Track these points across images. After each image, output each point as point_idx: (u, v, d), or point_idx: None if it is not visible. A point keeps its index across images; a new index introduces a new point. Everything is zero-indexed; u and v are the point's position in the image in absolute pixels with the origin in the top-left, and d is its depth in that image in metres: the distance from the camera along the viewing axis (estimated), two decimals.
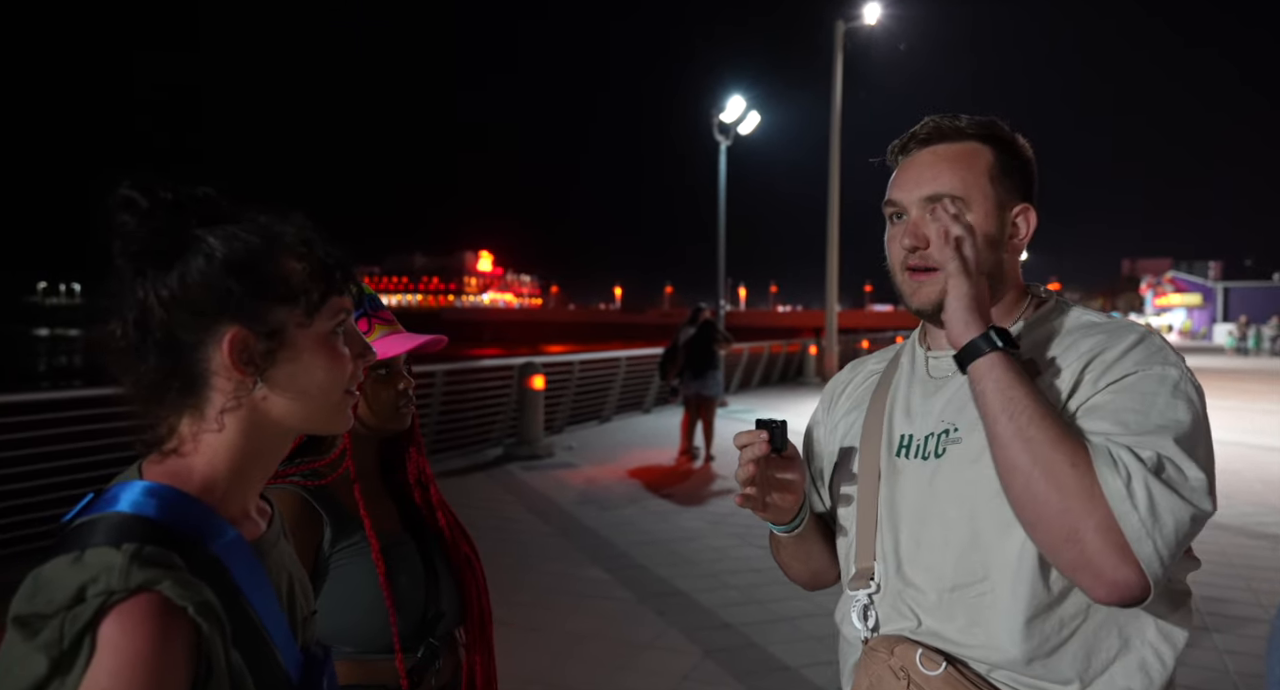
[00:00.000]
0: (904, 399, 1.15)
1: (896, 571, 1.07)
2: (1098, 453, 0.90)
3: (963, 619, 1.01)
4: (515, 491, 6.91)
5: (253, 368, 0.75)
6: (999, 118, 1.12)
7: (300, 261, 0.77)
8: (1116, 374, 0.98)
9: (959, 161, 1.08)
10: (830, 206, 16.82)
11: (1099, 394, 0.98)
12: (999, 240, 1.08)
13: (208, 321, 0.73)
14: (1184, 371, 0.99)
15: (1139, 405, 0.95)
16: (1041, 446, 0.91)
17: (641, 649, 3.68)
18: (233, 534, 0.74)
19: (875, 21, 16.91)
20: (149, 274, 0.72)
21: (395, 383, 1.33)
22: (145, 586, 0.64)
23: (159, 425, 0.76)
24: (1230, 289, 53.17)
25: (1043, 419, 0.92)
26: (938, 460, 1.06)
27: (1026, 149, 1.12)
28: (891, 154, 1.15)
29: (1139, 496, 0.87)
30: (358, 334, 0.83)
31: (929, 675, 0.98)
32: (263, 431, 0.77)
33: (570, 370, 10.53)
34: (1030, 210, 1.11)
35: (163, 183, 0.73)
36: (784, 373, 17.31)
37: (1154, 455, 0.90)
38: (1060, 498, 0.89)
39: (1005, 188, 1.09)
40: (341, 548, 1.25)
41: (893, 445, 1.12)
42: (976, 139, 1.09)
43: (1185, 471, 0.91)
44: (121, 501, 0.70)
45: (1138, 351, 1.00)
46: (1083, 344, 1.03)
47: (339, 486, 1.28)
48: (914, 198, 1.09)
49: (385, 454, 1.42)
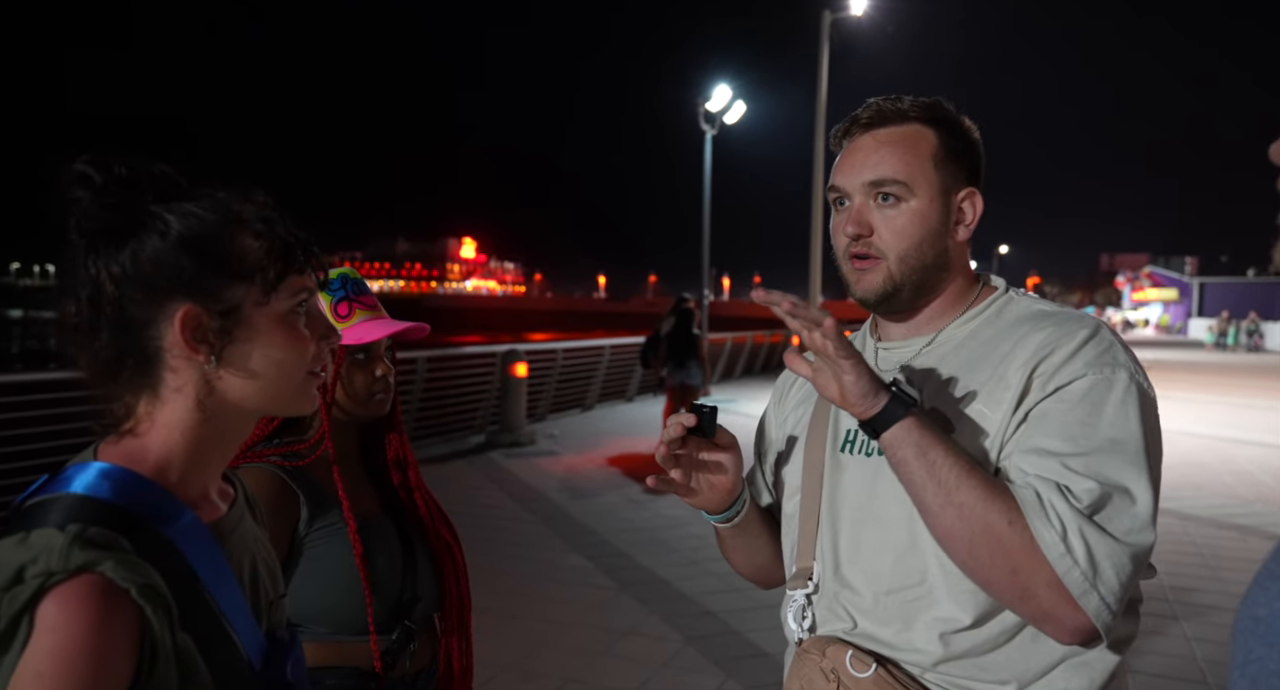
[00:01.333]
0: None
1: (834, 573, 1.05)
2: (1029, 507, 0.88)
3: (898, 623, 1.00)
4: (497, 479, 6.90)
5: (206, 346, 0.74)
6: (944, 98, 1.09)
7: (258, 239, 0.76)
8: (1065, 377, 0.95)
9: (901, 145, 1.05)
10: (815, 196, 16.86)
11: (1047, 399, 0.96)
12: (943, 226, 1.06)
13: (159, 297, 0.72)
14: (1133, 370, 0.97)
15: (1086, 416, 0.93)
16: (975, 510, 0.89)
17: (622, 636, 3.70)
18: (189, 516, 0.74)
19: (862, 12, 16.92)
20: (102, 250, 0.72)
21: (373, 368, 1.32)
22: (86, 567, 0.63)
23: (115, 405, 0.75)
24: (1206, 284, 53.95)
25: (968, 477, 0.90)
26: (880, 458, 1.01)
27: (973, 131, 1.10)
28: (835, 138, 1.12)
29: (1077, 551, 0.86)
30: (321, 315, 0.82)
31: (859, 677, 0.97)
32: (220, 412, 0.76)
33: (554, 358, 10.51)
34: (976, 194, 1.08)
35: (118, 158, 0.72)
36: (766, 362, 17.38)
37: (1094, 489, 0.89)
38: (1005, 560, 0.88)
39: (950, 172, 1.06)
40: (318, 528, 1.25)
41: (838, 440, 1.10)
42: (919, 121, 1.06)
43: (1130, 496, 0.90)
44: (74, 483, 0.70)
45: (1087, 350, 0.97)
46: (1031, 339, 1.00)
47: (318, 468, 1.28)
48: (856, 183, 1.06)
49: (366, 438, 1.41)
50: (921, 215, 1.05)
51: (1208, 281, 54.73)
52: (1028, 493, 0.90)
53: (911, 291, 1.07)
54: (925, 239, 1.05)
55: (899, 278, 1.06)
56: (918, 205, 1.05)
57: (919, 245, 1.05)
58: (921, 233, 1.05)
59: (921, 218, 1.05)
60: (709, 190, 16.42)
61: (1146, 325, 54.12)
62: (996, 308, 1.09)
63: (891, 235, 1.05)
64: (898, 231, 1.05)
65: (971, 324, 1.08)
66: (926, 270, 1.06)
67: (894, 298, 1.07)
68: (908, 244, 1.05)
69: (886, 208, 1.05)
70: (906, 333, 1.12)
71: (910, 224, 1.05)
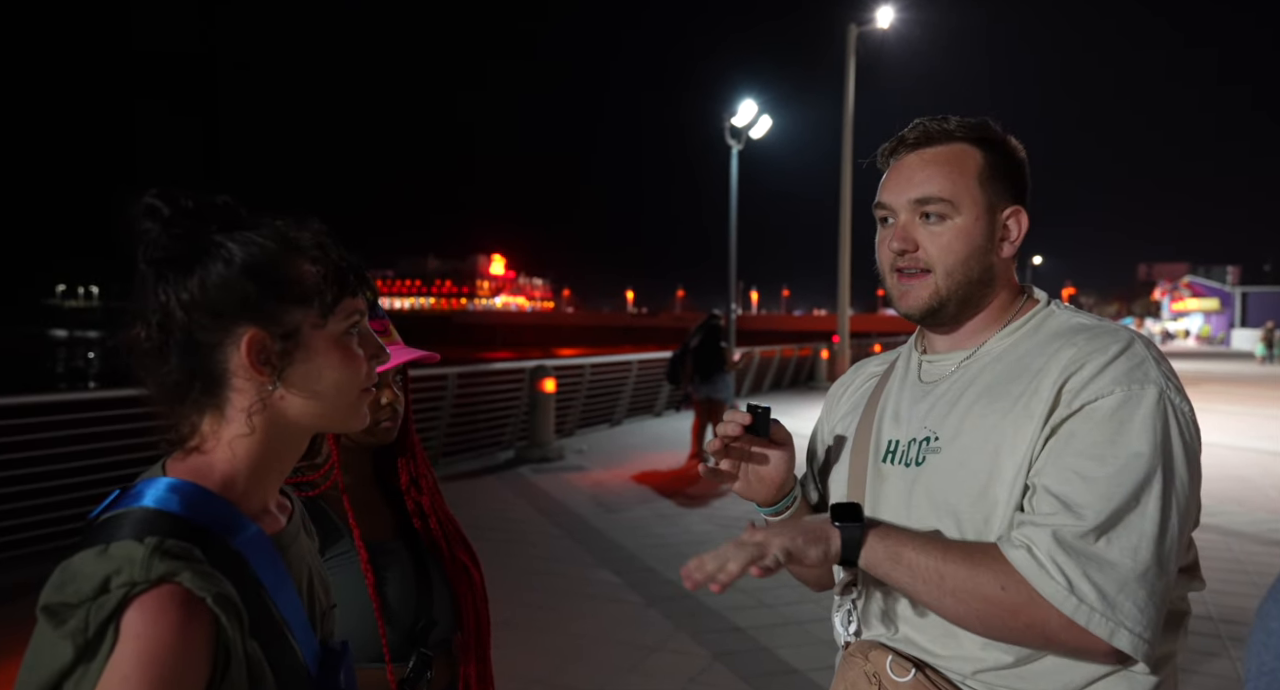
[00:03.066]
0: (894, 403, 1.15)
1: (877, 580, 1.07)
2: (1028, 570, 0.89)
3: (937, 629, 1.01)
4: (526, 494, 6.93)
5: (270, 368, 0.78)
6: (991, 119, 1.11)
7: (314, 264, 0.79)
8: (1092, 394, 0.96)
9: (947, 164, 1.08)
10: (842, 210, 16.78)
11: (1074, 417, 0.96)
12: (988, 243, 1.08)
13: (226, 323, 0.76)
14: (1164, 386, 0.96)
15: (1111, 435, 0.93)
16: (967, 590, 0.92)
17: (650, 651, 3.69)
18: (253, 529, 0.77)
19: (888, 25, 16.89)
20: (171, 278, 0.76)
21: (380, 396, 1.31)
22: (166, 578, 0.67)
23: (181, 424, 0.79)
24: (1249, 293, 52.56)
25: (947, 562, 0.93)
26: (918, 468, 1.05)
27: (1018, 150, 1.11)
28: (881, 157, 1.15)
29: (1089, 596, 0.87)
30: (372, 335, 0.85)
31: (898, 681, 1.00)
32: (281, 430, 0.80)
33: (581, 373, 10.55)
34: (1021, 212, 1.10)
35: (184, 191, 0.77)
36: (795, 377, 17.27)
37: (1098, 519, 0.89)
38: (1016, 619, 0.90)
39: (995, 190, 1.08)
40: (330, 557, 1.25)
41: (880, 451, 1.12)
42: (965, 141, 1.09)
43: (1141, 513, 0.89)
44: (146, 497, 0.74)
45: (1117, 365, 0.97)
46: (1064, 354, 1.01)
47: (329, 496, 1.28)
48: (902, 201, 1.09)
49: (380, 462, 1.41)
50: (967, 232, 1.07)
51: (1251, 291, 53.32)
52: (1021, 554, 0.91)
53: (957, 306, 1.09)
54: (971, 255, 1.07)
55: (945, 292, 1.08)
56: (963, 222, 1.07)
57: (965, 261, 1.07)
58: (967, 249, 1.07)
59: (967, 235, 1.07)
60: (735, 204, 16.44)
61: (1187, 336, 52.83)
62: (1036, 321, 1.10)
63: (938, 251, 1.07)
64: (943, 248, 1.07)
65: (1012, 338, 1.09)
66: (972, 286, 1.08)
67: (940, 312, 1.09)
68: (954, 260, 1.07)
69: (932, 225, 1.08)
70: (950, 345, 1.14)
71: (956, 240, 1.07)
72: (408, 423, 1.39)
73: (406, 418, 1.38)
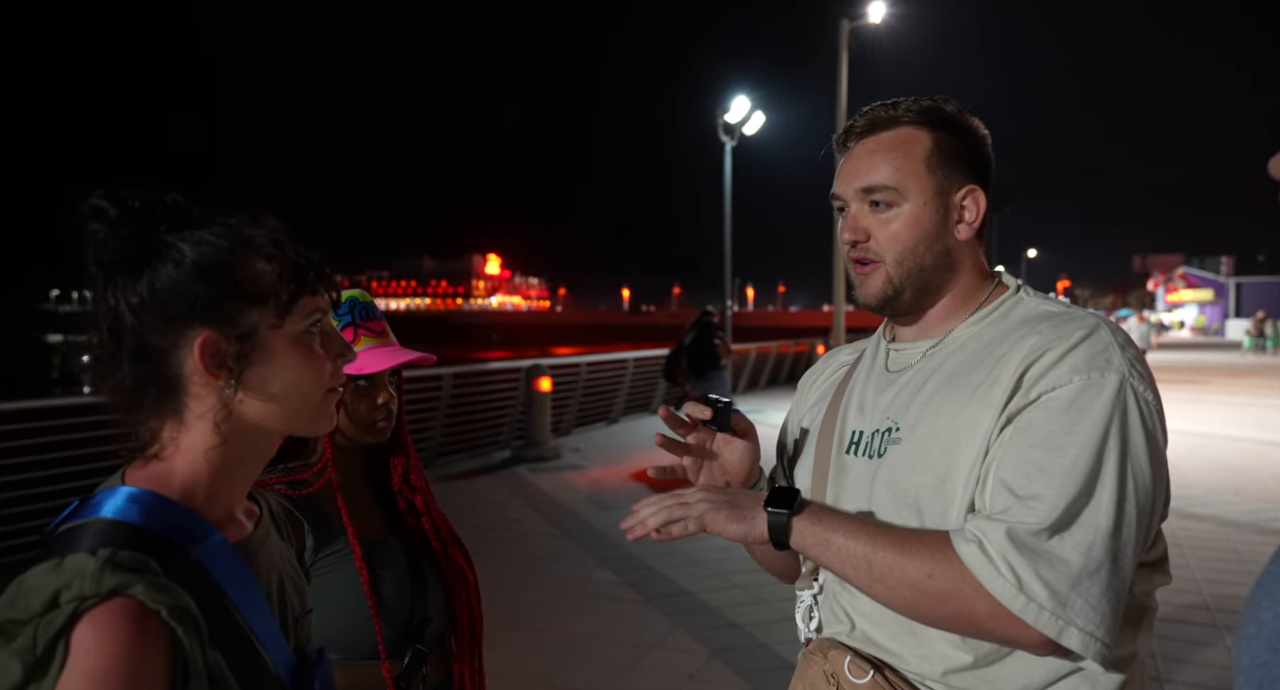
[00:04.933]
0: (860, 393, 1.13)
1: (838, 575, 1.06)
2: (975, 564, 0.88)
3: (895, 627, 0.99)
4: (522, 493, 6.92)
5: (226, 371, 0.75)
6: (943, 98, 1.08)
7: (270, 263, 0.77)
8: (1050, 383, 0.93)
9: (893, 150, 1.06)
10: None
11: (1032, 406, 0.94)
12: (941, 228, 1.05)
13: (178, 326, 0.74)
14: (1126, 373, 0.93)
15: (1067, 426, 0.90)
16: (894, 576, 0.91)
17: (648, 649, 3.69)
18: (216, 537, 0.75)
19: (880, 20, 16.87)
20: (119, 281, 0.74)
21: (375, 396, 1.31)
22: (117, 591, 0.65)
23: (140, 431, 0.77)
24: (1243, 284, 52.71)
25: (874, 549, 0.92)
26: (879, 460, 1.04)
27: (976, 129, 1.09)
28: (836, 146, 1.14)
29: (1039, 594, 0.85)
30: (336, 333, 0.83)
31: (856, 683, 0.98)
32: (242, 435, 0.78)
33: (578, 372, 10.54)
34: (978, 191, 1.07)
35: (131, 191, 0.75)
36: (791, 373, 17.28)
37: (1051, 515, 0.87)
38: (943, 607, 0.90)
39: (945, 173, 1.05)
40: (324, 555, 1.25)
41: (843, 442, 1.10)
42: (913, 125, 1.06)
43: (1096, 508, 0.87)
44: (104, 508, 0.72)
45: (1079, 353, 0.94)
46: (1026, 341, 0.98)
47: (323, 495, 1.28)
48: (851, 190, 1.08)
49: (374, 461, 1.42)
50: (915, 218, 1.05)
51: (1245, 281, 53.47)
52: (971, 549, 0.89)
53: (913, 294, 1.08)
54: (920, 241, 1.05)
55: (897, 281, 1.07)
56: (910, 209, 1.05)
57: (914, 248, 1.05)
58: (916, 236, 1.05)
59: (915, 221, 1.05)
60: (729, 201, 16.43)
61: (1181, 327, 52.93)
62: (1005, 309, 1.08)
63: (886, 240, 1.06)
64: (891, 236, 1.06)
65: (978, 326, 1.07)
66: (925, 272, 1.06)
67: (895, 301, 1.08)
68: (902, 248, 1.06)
69: (880, 213, 1.07)
70: (916, 334, 1.13)
71: (904, 228, 1.05)
72: (401, 423, 1.40)
73: (400, 418, 1.39)
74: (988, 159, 1.10)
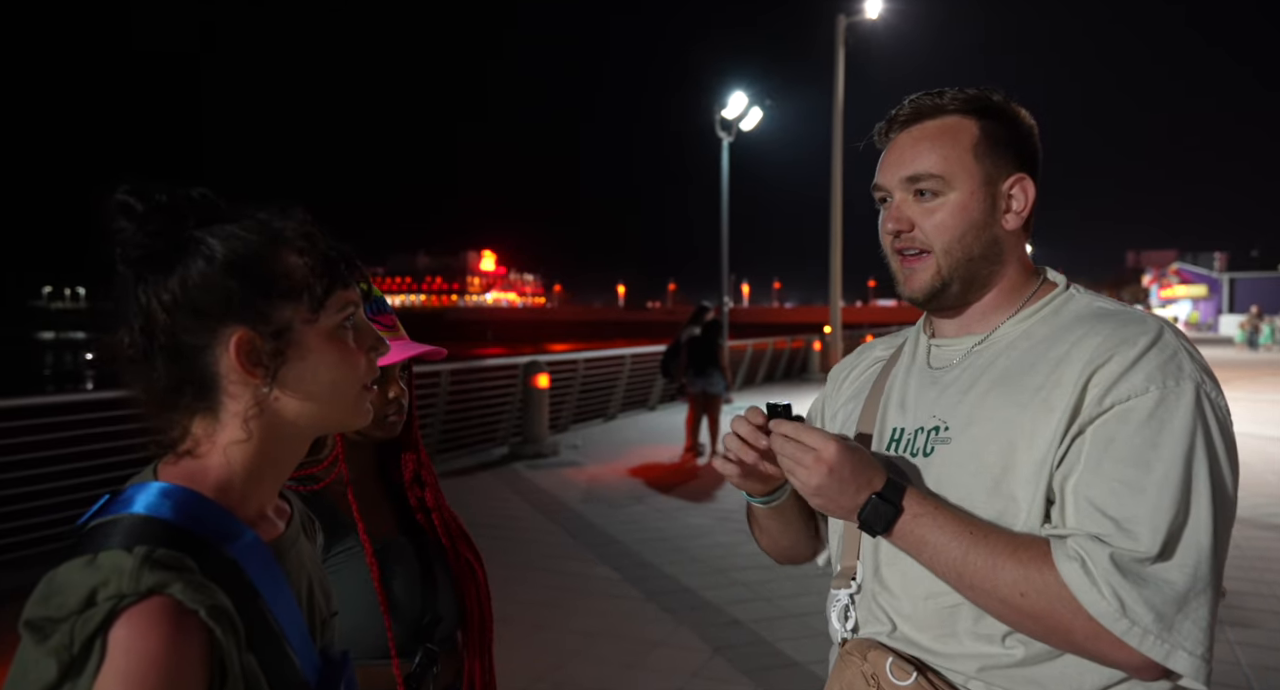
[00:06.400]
0: (900, 390, 1.10)
1: (875, 573, 1.04)
2: (1076, 584, 0.85)
3: (938, 628, 0.98)
4: (521, 490, 6.91)
5: (262, 369, 0.74)
6: (990, 87, 1.06)
7: (302, 256, 0.76)
8: (1124, 392, 0.91)
9: (940, 139, 1.04)
10: (833, 201, 16.76)
11: (1107, 417, 0.91)
12: (989, 217, 1.03)
13: (212, 324, 0.72)
14: (1200, 380, 0.92)
15: (1150, 440, 0.88)
16: (985, 589, 0.90)
17: (650, 647, 3.68)
18: (250, 535, 0.74)
19: (876, 16, 16.86)
20: (150, 279, 0.72)
21: (386, 390, 1.30)
22: (156, 589, 0.63)
23: (172, 428, 0.75)
24: (1236, 280, 52.91)
25: (969, 557, 0.90)
26: (926, 459, 1.01)
27: (1023, 118, 1.06)
28: (878, 136, 1.11)
29: (1144, 618, 0.83)
30: (368, 326, 0.82)
31: (899, 685, 0.96)
32: (278, 433, 0.76)
33: (575, 368, 10.52)
34: (1026, 179, 1.04)
35: (158, 186, 0.73)
36: (788, 369, 17.28)
37: (1152, 537, 0.85)
38: (1037, 624, 0.88)
39: (993, 161, 1.03)
40: (335, 553, 1.23)
41: (884, 439, 1.08)
42: (959, 113, 1.04)
43: (1194, 526, 0.86)
44: (136, 503, 0.70)
45: (1149, 360, 0.92)
46: (1088, 342, 0.95)
47: (334, 491, 1.27)
48: (895, 180, 1.05)
49: (383, 457, 1.40)
50: (962, 207, 1.03)
51: (1238, 277, 53.67)
52: (1074, 567, 0.86)
53: (961, 286, 1.05)
54: (968, 231, 1.03)
55: (946, 272, 1.04)
56: (958, 198, 1.03)
57: (962, 238, 1.03)
58: (964, 225, 1.03)
59: (962, 210, 1.03)
60: (726, 197, 16.41)
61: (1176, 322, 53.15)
62: (1055, 306, 1.05)
63: (932, 229, 1.04)
64: (938, 225, 1.03)
65: (1027, 323, 1.04)
66: (974, 263, 1.04)
67: (943, 293, 1.05)
68: (949, 237, 1.03)
69: (926, 202, 1.04)
70: (959, 329, 1.10)
71: (950, 217, 1.03)
72: (411, 418, 1.38)
73: (410, 412, 1.37)
74: (1036, 148, 1.07)
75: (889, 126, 1.09)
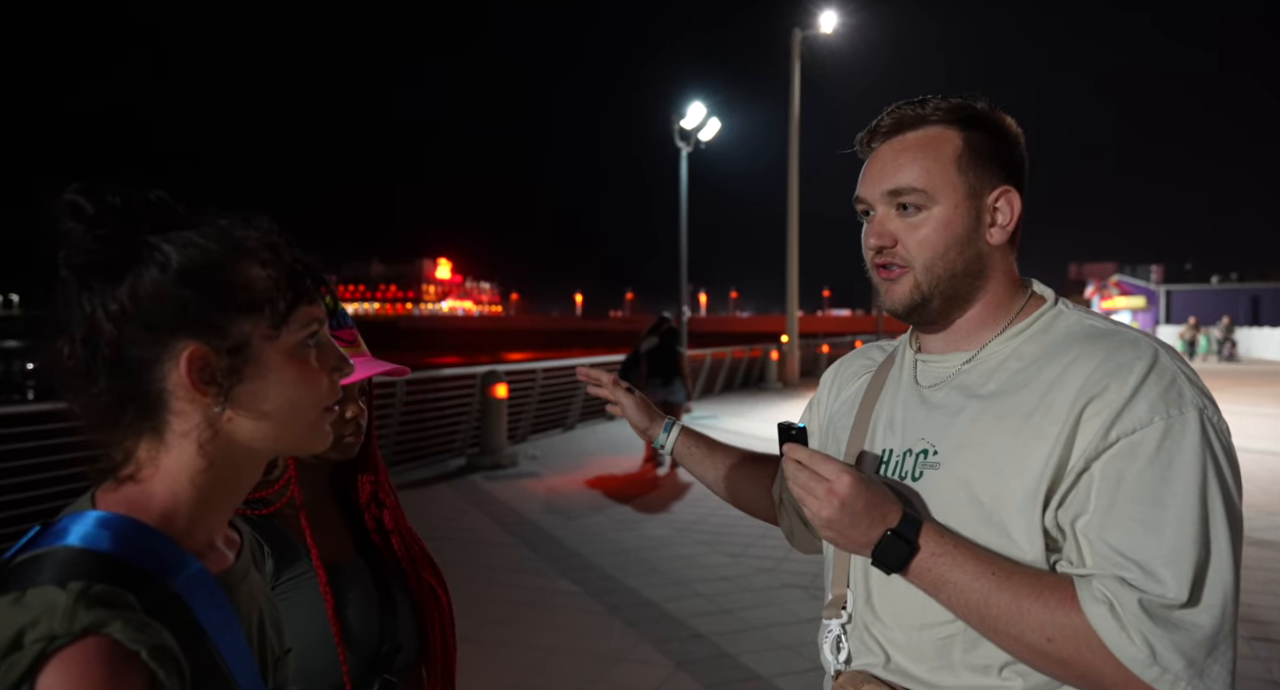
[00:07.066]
0: (889, 407, 1.08)
1: (866, 602, 1.02)
2: (1104, 628, 0.83)
3: (934, 660, 0.95)
4: (479, 502, 6.79)
5: (215, 387, 0.68)
6: (974, 96, 1.03)
7: (265, 268, 0.70)
8: (1129, 425, 0.87)
9: (922, 151, 1.01)
10: (790, 212, 16.97)
11: (1114, 454, 0.87)
12: (973, 231, 1.00)
13: (162, 337, 0.67)
14: (1203, 405, 0.89)
15: (1161, 475, 0.86)
16: (1009, 633, 0.87)
17: (613, 662, 3.62)
18: (196, 568, 0.68)
19: (831, 30, 17.18)
20: (96, 287, 0.66)
21: (344, 409, 1.24)
22: (92, 629, 0.58)
23: (114, 450, 0.69)
24: (1172, 292, 55.06)
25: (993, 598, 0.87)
26: (914, 483, 0.98)
27: (1009, 127, 1.03)
28: (859, 147, 1.08)
29: (1174, 665, 0.82)
30: (333, 345, 0.77)
31: None
32: (230, 456, 0.71)
33: (533, 378, 10.43)
34: (1011, 192, 1.02)
35: (111, 187, 0.67)
36: (746, 378, 17.39)
37: (1177, 580, 0.83)
38: (1064, 670, 0.86)
39: (977, 173, 1.00)
40: (286, 580, 1.16)
41: (875, 459, 1.06)
42: (942, 124, 1.01)
43: (1217, 565, 0.84)
44: (71, 534, 0.64)
45: (1149, 389, 0.88)
46: (1081, 367, 0.92)
47: (285, 515, 1.20)
48: (876, 193, 1.02)
49: (339, 478, 1.33)
50: (945, 221, 1.00)
51: (1174, 289, 55.86)
52: (1101, 611, 0.84)
53: (942, 301, 1.02)
54: (952, 246, 1.00)
55: (926, 288, 1.01)
56: (941, 212, 1.00)
57: (945, 254, 1.00)
58: (947, 240, 1.00)
59: (945, 224, 1.00)
60: (685, 207, 16.49)
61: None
62: (1044, 323, 1.02)
63: (915, 245, 1.01)
64: (920, 241, 1.01)
65: (1016, 340, 1.02)
66: (956, 278, 1.01)
67: (923, 308, 1.03)
68: (932, 253, 1.00)
69: (909, 216, 1.01)
70: (945, 346, 1.07)
71: (934, 232, 1.00)
72: (370, 436, 1.32)
73: (370, 432, 1.31)
74: (1022, 159, 1.04)
75: (870, 137, 1.06)
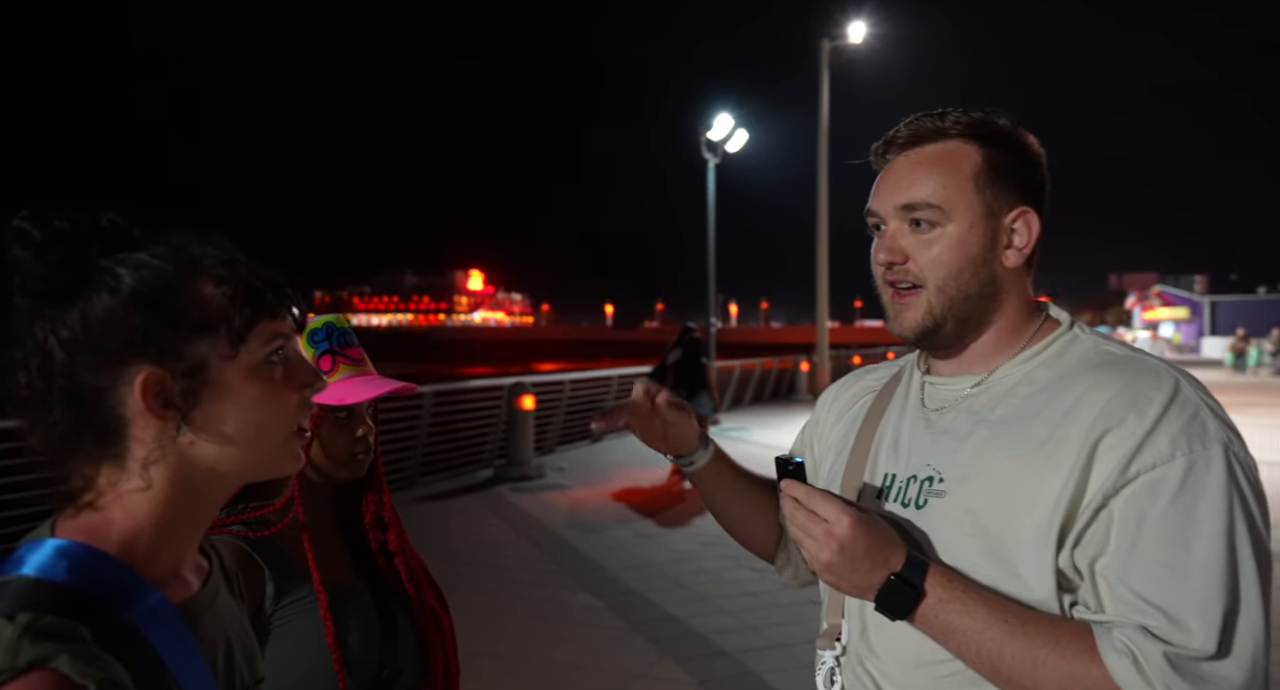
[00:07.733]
0: (893, 431, 1.04)
1: (861, 634, 0.98)
2: (1128, 682, 0.79)
3: None
4: (504, 514, 6.79)
5: (173, 411, 0.67)
6: (996, 111, 0.99)
7: (220, 286, 0.69)
8: (1149, 460, 0.83)
9: (939, 165, 0.96)
10: (819, 222, 16.84)
11: (1134, 490, 0.83)
12: (988, 252, 0.96)
13: (115, 363, 0.66)
14: (1227, 440, 0.85)
15: (1185, 515, 0.81)
16: (1024, 686, 0.83)
17: (634, 679, 3.58)
18: (156, 597, 0.66)
19: (860, 40, 17.08)
20: (48, 314, 0.65)
21: (354, 429, 1.23)
22: (38, 663, 0.56)
23: (73, 477, 0.68)
24: (1217, 302, 53.60)
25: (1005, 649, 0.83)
26: (918, 512, 0.94)
27: (1030, 145, 0.99)
28: (874, 157, 1.04)
29: None
30: (301, 361, 0.75)
31: None
32: (193, 481, 0.69)
33: (561, 389, 10.44)
34: (1030, 213, 0.97)
35: (59, 211, 0.66)
36: (775, 390, 17.25)
37: (1205, 630, 0.79)
38: None
39: (995, 192, 0.96)
40: (286, 604, 1.15)
41: (875, 486, 1.02)
42: (961, 138, 0.97)
43: (1247, 609, 0.80)
44: (26, 564, 0.63)
45: (1170, 422, 0.84)
46: (1097, 397, 0.88)
47: (287, 535, 1.18)
48: (889, 207, 0.98)
49: (342, 498, 1.32)
50: (960, 241, 0.95)
51: (1219, 299, 54.39)
52: (1124, 665, 0.80)
53: (955, 325, 0.98)
54: (966, 267, 0.96)
55: (939, 311, 0.97)
56: (956, 230, 0.95)
57: (958, 275, 0.96)
58: (960, 261, 0.96)
59: (960, 244, 0.95)
60: (713, 218, 16.45)
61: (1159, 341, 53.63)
62: (1058, 348, 0.98)
63: (927, 263, 0.96)
64: (933, 260, 0.96)
65: (1028, 365, 0.97)
66: (969, 301, 0.97)
67: (936, 334, 0.98)
68: (945, 273, 0.96)
69: (922, 233, 0.97)
70: (955, 368, 1.02)
71: (947, 251, 0.96)
72: (376, 456, 1.31)
73: (375, 451, 1.30)
74: (1043, 179, 1.00)
75: (886, 148, 1.02)
